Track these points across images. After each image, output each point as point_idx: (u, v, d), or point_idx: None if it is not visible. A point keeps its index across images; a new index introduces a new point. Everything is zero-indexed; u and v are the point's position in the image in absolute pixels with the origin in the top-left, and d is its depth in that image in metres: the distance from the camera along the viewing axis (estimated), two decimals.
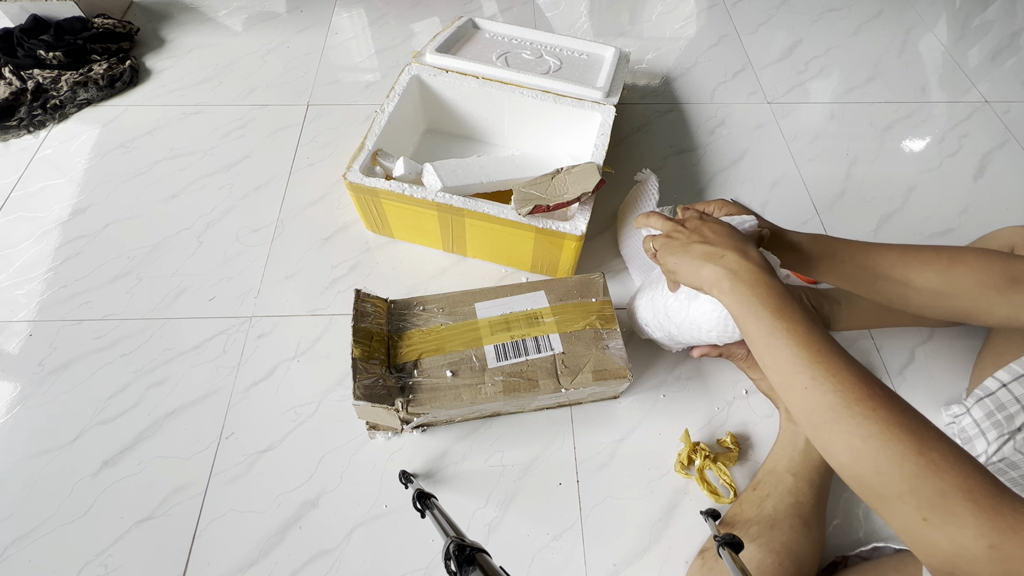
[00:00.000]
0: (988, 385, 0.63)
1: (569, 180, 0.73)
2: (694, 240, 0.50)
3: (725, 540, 0.46)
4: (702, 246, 0.49)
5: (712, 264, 0.47)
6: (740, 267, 0.46)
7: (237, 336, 0.75)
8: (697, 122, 1.03)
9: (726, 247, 0.48)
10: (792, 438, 0.63)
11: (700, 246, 0.49)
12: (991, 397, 0.62)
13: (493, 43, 0.96)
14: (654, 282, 0.65)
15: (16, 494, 0.63)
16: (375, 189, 0.73)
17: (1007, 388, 0.61)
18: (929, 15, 1.25)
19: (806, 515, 0.56)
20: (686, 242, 0.50)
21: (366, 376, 0.58)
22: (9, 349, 0.74)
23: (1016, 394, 0.60)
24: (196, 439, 0.67)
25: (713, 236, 0.49)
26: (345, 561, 0.60)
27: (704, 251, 0.48)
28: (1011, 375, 0.61)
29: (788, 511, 0.56)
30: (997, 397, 0.62)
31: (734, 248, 0.47)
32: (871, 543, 0.58)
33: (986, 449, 0.60)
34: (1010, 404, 0.60)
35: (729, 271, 0.46)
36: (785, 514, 0.56)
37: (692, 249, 0.49)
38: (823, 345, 0.41)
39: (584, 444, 0.68)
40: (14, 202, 0.89)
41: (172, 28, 1.17)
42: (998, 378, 0.62)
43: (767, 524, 0.55)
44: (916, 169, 0.96)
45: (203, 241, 0.85)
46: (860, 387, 0.38)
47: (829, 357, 0.40)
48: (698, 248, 0.49)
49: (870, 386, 0.38)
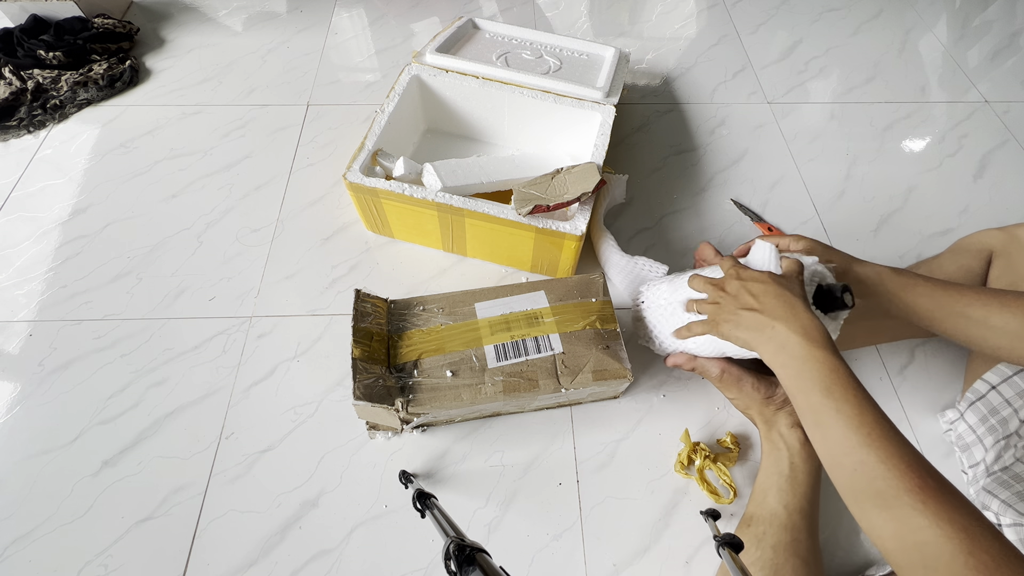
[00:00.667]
0: (978, 387, 0.63)
1: (569, 180, 0.73)
2: (741, 306, 0.48)
3: (725, 540, 0.46)
4: (750, 315, 0.47)
5: (762, 338, 0.46)
6: (789, 340, 0.44)
7: (237, 336, 0.75)
8: (697, 122, 1.03)
9: (775, 316, 0.46)
10: (776, 463, 0.60)
11: (748, 315, 0.47)
12: (982, 400, 0.62)
13: (493, 43, 0.96)
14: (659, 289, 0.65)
15: (16, 494, 0.63)
16: (375, 189, 0.73)
17: (996, 390, 0.61)
18: (929, 15, 1.25)
19: (804, 553, 0.54)
20: (733, 309, 0.49)
21: (366, 376, 0.58)
22: (9, 349, 0.74)
23: (1006, 396, 0.60)
24: (196, 439, 0.67)
25: (760, 301, 0.47)
26: (345, 561, 0.60)
27: (753, 321, 0.47)
28: (1000, 376, 0.61)
29: (787, 552, 0.54)
30: (988, 400, 0.62)
31: (783, 318, 0.46)
32: (863, 569, 0.58)
33: (984, 457, 0.60)
34: (1002, 407, 0.60)
35: (778, 346, 0.45)
36: (786, 557, 0.54)
37: (741, 320, 0.48)
38: (874, 427, 0.39)
39: (584, 444, 0.68)
40: (14, 202, 0.89)
41: (172, 28, 1.17)
42: (987, 380, 0.62)
43: (770, 571, 0.54)
44: (916, 169, 0.96)
45: (203, 241, 0.85)
46: (911, 476, 0.37)
47: (880, 440, 0.39)
48: (747, 318, 0.47)
49: (922, 475, 0.37)
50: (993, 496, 0.56)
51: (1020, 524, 0.52)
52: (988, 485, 0.58)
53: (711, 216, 0.89)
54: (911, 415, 0.70)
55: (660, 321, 0.63)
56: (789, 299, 0.47)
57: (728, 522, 0.62)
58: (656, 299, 0.64)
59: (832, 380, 0.42)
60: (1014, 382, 0.59)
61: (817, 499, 0.59)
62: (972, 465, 0.62)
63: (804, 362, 0.43)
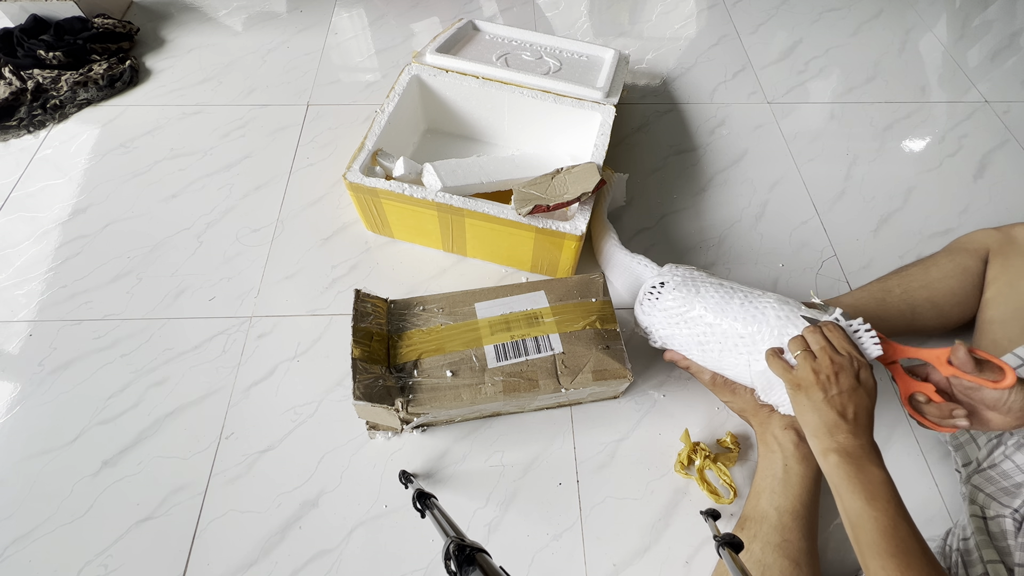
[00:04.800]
0: None
1: (569, 180, 0.73)
2: (831, 392, 0.49)
3: (725, 540, 0.46)
4: (831, 410, 0.49)
5: (829, 433, 0.48)
6: (852, 447, 0.47)
7: (237, 336, 0.75)
8: (697, 122, 1.03)
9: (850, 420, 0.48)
10: (770, 464, 0.61)
11: (830, 409, 0.49)
12: None
13: (493, 45, 0.96)
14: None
15: (16, 494, 0.63)
16: (375, 189, 0.73)
17: None
18: (929, 15, 1.25)
19: (795, 554, 0.54)
20: (823, 387, 0.49)
21: (366, 376, 0.58)
22: (9, 349, 0.74)
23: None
24: (196, 439, 0.67)
25: (846, 401, 0.49)
26: (345, 561, 0.60)
27: (831, 417, 0.48)
28: None
29: (776, 553, 0.54)
30: None
31: (856, 427, 0.48)
32: (859, 570, 0.58)
33: (977, 456, 0.61)
34: None
35: (842, 449, 0.47)
36: (774, 558, 0.54)
37: (820, 408, 0.49)
38: (903, 540, 0.42)
39: (584, 444, 0.68)
40: (14, 202, 0.89)
41: (172, 28, 1.17)
42: None
43: (759, 571, 0.54)
44: (916, 169, 0.96)
45: (203, 241, 0.85)
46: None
47: (905, 553, 0.42)
48: (827, 409, 0.49)
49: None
50: (979, 490, 0.57)
51: (1002, 516, 0.54)
52: (976, 481, 0.58)
53: (711, 216, 0.89)
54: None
55: (664, 326, 0.63)
56: (870, 413, 0.50)
57: (728, 522, 0.62)
58: (667, 303, 0.63)
59: (876, 491, 0.45)
60: None
61: (813, 502, 0.59)
62: (965, 464, 0.63)
63: (860, 470, 0.46)
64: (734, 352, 0.58)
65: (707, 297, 0.60)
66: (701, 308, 0.59)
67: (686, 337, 0.62)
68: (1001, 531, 0.54)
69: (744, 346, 0.57)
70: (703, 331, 0.60)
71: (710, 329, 0.59)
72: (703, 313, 0.59)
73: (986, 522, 0.55)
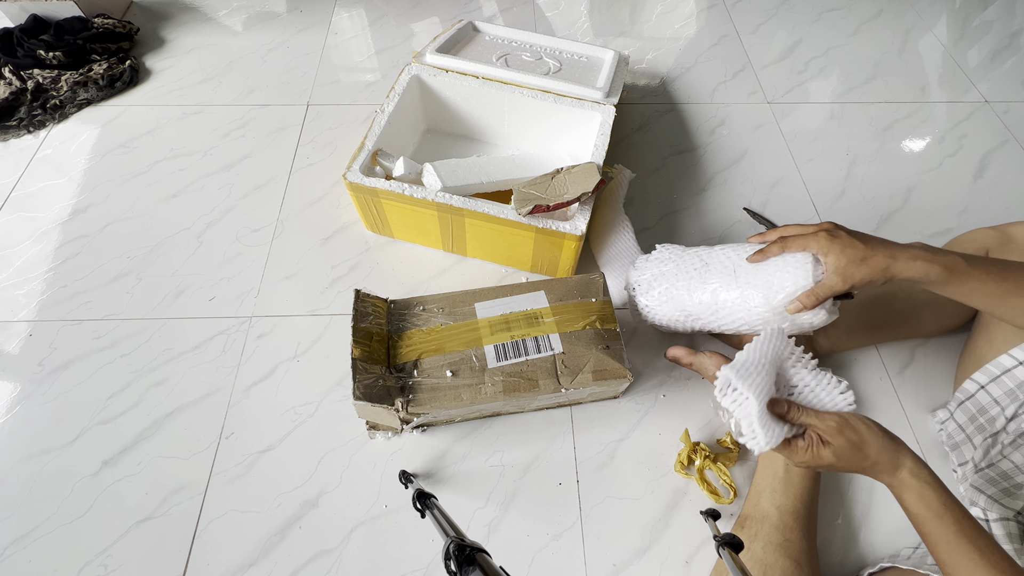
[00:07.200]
0: (967, 387, 0.63)
1: (569, 180, 0.73)
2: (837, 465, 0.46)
3: (725, 540, 0.46)
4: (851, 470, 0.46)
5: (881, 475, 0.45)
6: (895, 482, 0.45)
7: (237, 336, 0.75)
8: (697, 122, 1.03)
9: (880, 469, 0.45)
10: (770, 464, 0.61)
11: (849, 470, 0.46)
12: (971, 400, 0.63)
13: (493, 45, 0.96)
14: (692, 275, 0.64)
15: (16, 494, 0.63)
16: (375, 189, 0.73)
17: (985, 390, 0.61)
18: (929, 15, 1.25)
19: (796, 553, 0.54)
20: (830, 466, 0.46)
21: (366, 376, 0.58)
22: (9, 349, 0.74)
23: (994, 395, 0.60)
24: (196, 439, 0.67)
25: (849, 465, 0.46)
26: (345, 561, 0.60)
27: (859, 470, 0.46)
28: (988, 376, 0.61)
29: (778, 552, 0.54)
30: (977, 399, 0.62)
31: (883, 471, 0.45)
32: (862, 569, 0.58)
33: (972, 455, 0.61)
34: (990, 406, 0.61)
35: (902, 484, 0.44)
36: (776, 557, 0.54)
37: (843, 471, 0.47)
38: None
39: (584, 444, 0.68)
40: (14, 202, 0.89)
41: (172, 28, 1.17)
42: (976, 380, 0.62)
43: (760, 570, 0.54)
44: (916, 169, 0.96)
45: (203, 241, 0.85)
46: None
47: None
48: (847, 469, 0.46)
49: None
50: (980, 492, 0.57)
51: (1007, 519, 0.53)
52: (976, 482, 0.58)
53: (711, 216, 0.89)
54: (911, 415, 0.70)
55: (657, 275, 0.64)
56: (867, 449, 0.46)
57: (728, 522, 0.62)
58: (660, 253, 0.65)
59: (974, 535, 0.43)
60: (1001, 381, 0.60)
61: (813, 501, 0.59)
62: (961, 464, 0.63)
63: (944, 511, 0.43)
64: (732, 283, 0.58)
65: (695, 250, 0.63)
66: (692, 252, 0.62)
67: (680, 281, 0.61)
68: (1005, 534, 0.54)
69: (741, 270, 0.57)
70: (698, 268, 0.60)
71: (705, 267, 0.60)
72: (695, 255, 0.61)
73: (989, 525, 0.55)
